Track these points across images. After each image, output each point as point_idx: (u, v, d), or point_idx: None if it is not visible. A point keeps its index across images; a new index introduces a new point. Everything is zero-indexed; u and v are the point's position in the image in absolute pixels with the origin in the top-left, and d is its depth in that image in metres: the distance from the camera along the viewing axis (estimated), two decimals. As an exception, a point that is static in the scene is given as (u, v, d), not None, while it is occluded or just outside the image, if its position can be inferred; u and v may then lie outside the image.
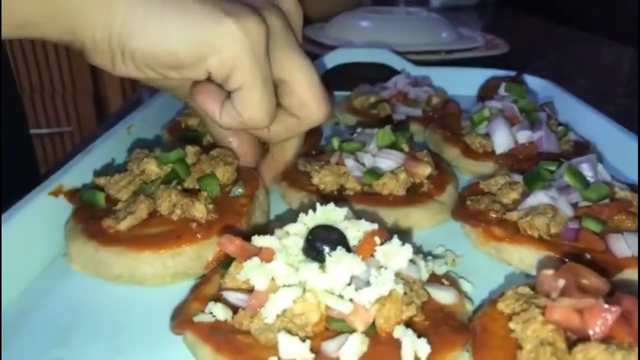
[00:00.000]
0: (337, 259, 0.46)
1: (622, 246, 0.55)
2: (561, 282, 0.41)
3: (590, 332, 0.39)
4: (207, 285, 0.51)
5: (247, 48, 0.51)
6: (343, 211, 0.53)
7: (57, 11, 0.48)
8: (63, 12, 0.48)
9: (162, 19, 0.50)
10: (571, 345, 0.39)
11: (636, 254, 0.54)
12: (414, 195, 0.69)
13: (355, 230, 0.51)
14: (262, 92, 0.53)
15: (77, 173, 0.66)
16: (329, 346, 0.43)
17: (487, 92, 1.04)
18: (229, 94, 0.55)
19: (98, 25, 0.49)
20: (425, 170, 0.71)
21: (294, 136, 0.64)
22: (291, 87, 0.57)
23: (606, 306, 0.39)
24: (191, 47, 0.51)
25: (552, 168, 0.66)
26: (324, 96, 0.59)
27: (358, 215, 0.55)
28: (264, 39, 0.52)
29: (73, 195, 0.63)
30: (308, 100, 0.57)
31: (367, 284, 0.46)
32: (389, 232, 0.51)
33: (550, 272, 0.44)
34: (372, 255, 0.49)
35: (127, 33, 0.50)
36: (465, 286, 0.54)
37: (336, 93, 1.11)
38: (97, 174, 0.66)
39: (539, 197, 0.60)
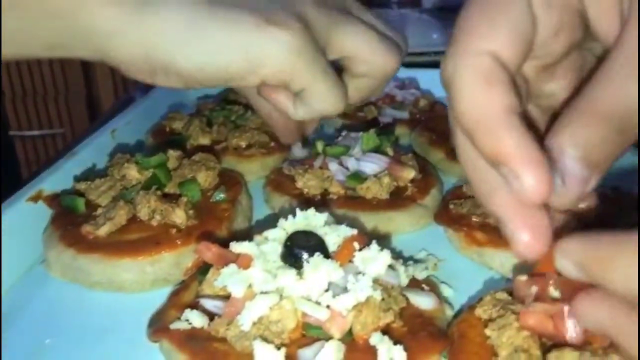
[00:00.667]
0: (314, 265, 0.46)
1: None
2: (534, 289, 0.41)
3: (567, 338, 0.39)
4: (185, 293, 0.51)
5: (298, 51, 0.48)
6: (323, 216, 0.53)
7: (86, 34, 0.44)
8: (93, 35, 0.44)
9: (206, 35, 0.46)
10: (547, 351, 0.39)
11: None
12: (397, 199, 0.68)
13: (335, 236, 0.51)
14: (326, 85, 0.51)
15: (58, 178, 0.65)
16: (305, 354, 0.42)
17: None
18: None
19: (133, 48, 0.45)
20: (409, 174, 0.71)
21: (373, 94, 0.61)
22: (354, 59, 0.54)
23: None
24: (241, 63, 0.47)
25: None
26: (387, 46, 0.55)
27: (340, 220, 0.55)
28: (309, 35, 0.49)
29: (53, 200, 0.62)
30: (376, 62, 0.54)
31: (345, 290, 0.45)
32: (368, 237, 0.51)
33: (524, 277, 0.44)
34: (350, 261, 0.49)
35: (168, 53, 0.45)
36: (446, 291, 0.54)
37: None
38: (78, 179, 0.65)
39: (520, 201, 0.60)
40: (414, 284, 0.52)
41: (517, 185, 0.32)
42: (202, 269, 0.51)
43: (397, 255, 0.57)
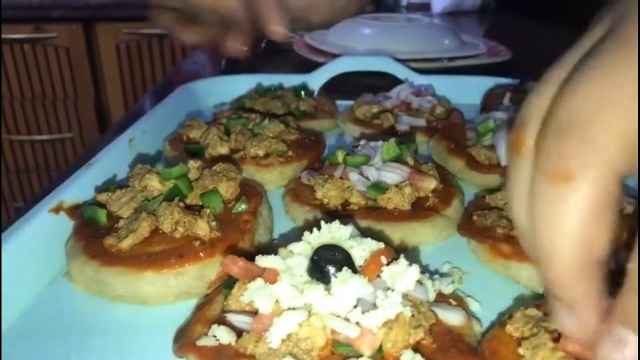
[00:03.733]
0: (342, 280, 0.45)
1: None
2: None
3: None
4: (210, 307, 0.50)
5: None
6: (348, 229, 0.52)
7: None
8: None
9: None
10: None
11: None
12: (419, 209, 0.68)
13: (360, 250, 0.50)
14: None
15: (78, 188, 0.65)
16: (336, 372, 0.42)
17: (490, 101, 1.03)
18: None
19: None
20: (430, 184, 0.70)
21: None
22: None
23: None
24: None
25: (560, 182, 0.64)
26: None
27: (363, 232, 0.54)
28: None
29: (74, 211, 0.62)
30: None
31: (374, 306, 0.45)
32: (395, 251, 0.51)
33: None
34: (378, 276, 0.48)
35: None
36: (473, 305, 0.53)
37: (338, 102, 1.11)
38: (99, 190, 0.65)
39: (546, 213, 0.59)
40: (441, 299, 0.51)
41: (566, 319, 0.33)
42: (227, 283, 0.51)
43: (423, 269, 0.56)
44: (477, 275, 0.59)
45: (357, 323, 0.44)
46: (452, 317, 0.48)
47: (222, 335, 0.45)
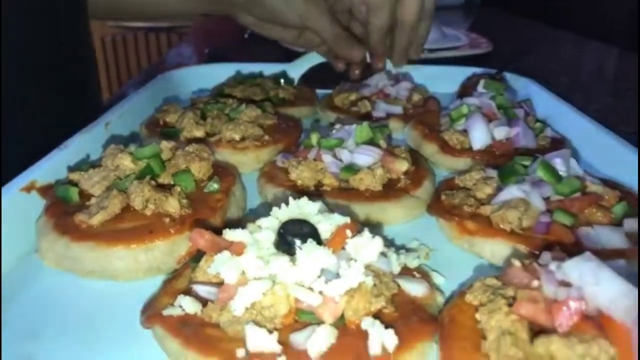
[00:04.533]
0: (307, 251, 0.46)
1: (592, 239, 0.55)
2: (526, 275, 0.41)
3: (556, 325, 0.39)
4: (178, 280, 0.51)
5: None
6: (316, 205, 0.53)
7: None
8: None
9: None
10: (535, 335, 0.39)
11: (605, 246, 0.54)
12: (390, 190, 0.69)
13: (327, 224, 0.51)
14: None
15: (51, 169, 0.65)
16: (297, 338, 0.43)
17: (466, 89, 1.04)
18: None
19: None
20: (402, 166, 0.72)
21: None
22: None
23: (571, 302, 0.39)
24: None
25: (526, 163, 0.66)
26: None
27: (333, 210, 0.55)
28: None
29: (46, 191, 0.62)
30: None
31: (337, 276, 0.46)
32: (361, 225, 0.52)
33: (518, 263, 0.44)
34: (343, 248, 0.49)
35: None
36: (437, 279, 0.55)
37: (318, 91, 1.11)
38: (71, 169, 0.65)
39: (512, 192, 0.60)
40: (406, 272, 0.52)
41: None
42: (196, 257, 0.52)
43: (389, 243, 0.58)
44: (443, 252, 0.60)
45: (321, 292, 0.45)
46: (414, 289, 0.49)
47: (188, 305, 0.46)
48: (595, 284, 0.38)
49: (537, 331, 0.40)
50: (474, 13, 2.63)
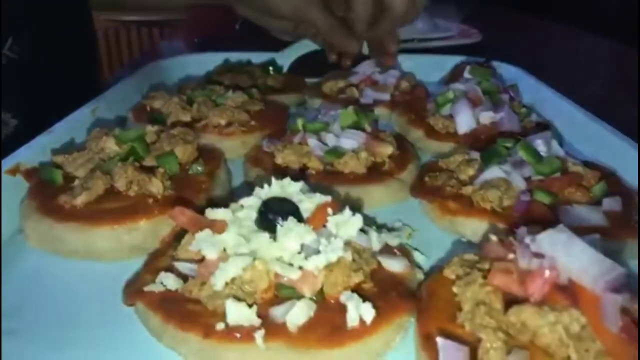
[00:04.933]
0: (287, 228, 0.47)
1: (571, 217, 0.56)
2: (502, 249, 0.42)
3: (529, 295, 0.40)
4: (161, 259, 0.52)
5: None
6: (298, 185, 0.54)
7: None
8: None
9: None
10: (509, 306, 0.40)
11: (584, 224, 0.55)
12: (374, 173, 0.69)
13: (309, 203, 0.52)
14: None
15: (36, 152, 0.65)
16: (276, 311, 0.43)
17: (454, 76, 1.05)
18: None
19: None
20: (387, 149, 0.72)
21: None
22: None
23: (544, 272, 0.40)
24: None
25: (509, 144, 0.67)
26: None
27: (316, 191, 0.56)
28: None
29: (30, 174, 0.63)
30: None
31: (318, 252, 0.46)
32: (343, 204, 0.52)
33: (494, 238, 0.45)
34: (324, 226, 0.50)
35: None
36: (419, 257, 0.55)
37: (307, 80, 1.12)
38: (56, 152, 0.65)
39: (493, 172, 0.61)
40: (387, 250, 0.53)
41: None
42: (179, 236, 0.52)
43: (371, 222, 0.58)
44: (426, 233, 0.61)
45: (300, 267, 0.45)
46: (394, 265, 0.50)
47: (169, 282, 0.47)
48: (567, 254, 0.39)
49: (511, 301, 0.41)
50: (467, 5, 2.63)
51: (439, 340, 0.37)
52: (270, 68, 1.09)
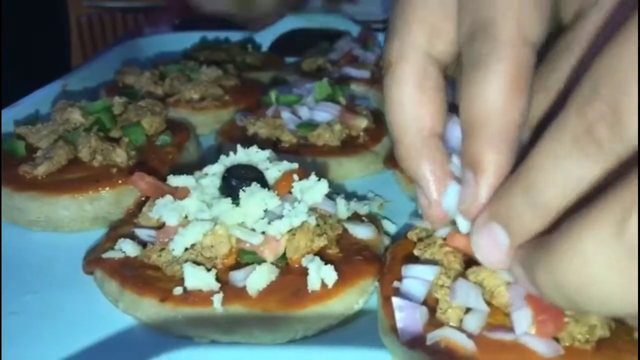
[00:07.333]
0: (250, 193, 0.46)
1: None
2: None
3: None
4: (124, 227, 0.50)
5: None
6: (265, 153, 0.52)
7: None
8: None
9: None
10: (468, 266, 0.39)
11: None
12: (348, 146, 0.68)
13: (276, 171, 0.51)
14: None
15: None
16: (236, 275, 0.42)
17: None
18: None
19: None
20: (361, 122, 0.71)
21: None
22: None
23: None
24: None
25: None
26: None
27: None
28: None
29: (-7, 147, 0.61)
30: None
31: (282, 218, 0.45)
32: (309, 171, 0.51)
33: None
34: (290, 193, 0.49)
35: None
36: (389, 226, 0.55)
37: (288, 59, 1.10)
38: (19, 123, 0.64)
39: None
40: (356, 218, 0.52)
41: (423, 201, 0.36)
42: (141, 205, 0.51)
43: (340, 191, 0.57)
44: (398, 204, 0.60)
45: (263, 232, 0.44)
46: (361, 232, 0.49)
47: (129, 248, 0.45)
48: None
49: (471, 262, 0.40)
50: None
51: (395, 300, 0.36)
52: (249, 45, 1.07)
